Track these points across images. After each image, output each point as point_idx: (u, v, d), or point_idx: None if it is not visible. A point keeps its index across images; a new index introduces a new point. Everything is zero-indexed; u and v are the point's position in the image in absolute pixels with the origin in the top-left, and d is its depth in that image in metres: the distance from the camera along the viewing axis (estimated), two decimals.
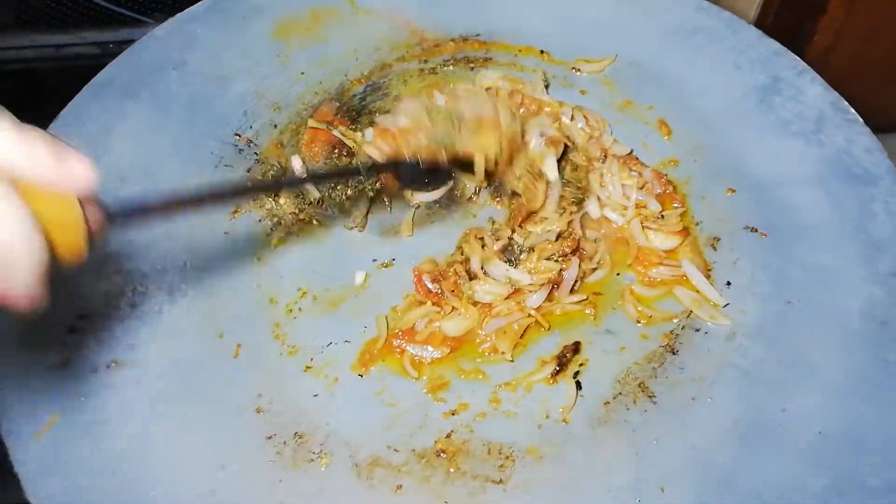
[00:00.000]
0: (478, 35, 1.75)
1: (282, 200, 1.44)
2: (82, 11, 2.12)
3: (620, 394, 1.21)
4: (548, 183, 1.42)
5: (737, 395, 1.19)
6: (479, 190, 1.51)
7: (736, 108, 1.56)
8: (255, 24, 1.69)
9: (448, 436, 1.16)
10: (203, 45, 1.64)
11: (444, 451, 1.14)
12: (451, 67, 1.67)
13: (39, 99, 1.39)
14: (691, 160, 1.53)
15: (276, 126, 1.56)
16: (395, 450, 1.14)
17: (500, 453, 1.14)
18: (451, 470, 1.13)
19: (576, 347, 1.27)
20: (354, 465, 1.12)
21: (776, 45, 1.64)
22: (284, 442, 1.13)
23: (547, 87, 1.64)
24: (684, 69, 1.64)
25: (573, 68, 1.70)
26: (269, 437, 1.13)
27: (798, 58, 1.62)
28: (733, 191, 1.46)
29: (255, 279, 1.34)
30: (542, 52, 1.73)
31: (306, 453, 1.13)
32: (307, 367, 1.23)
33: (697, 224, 1.44)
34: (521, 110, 1.54)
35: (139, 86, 1.54)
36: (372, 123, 1.52)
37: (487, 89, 1.56)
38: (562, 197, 1.43)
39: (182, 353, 1.21)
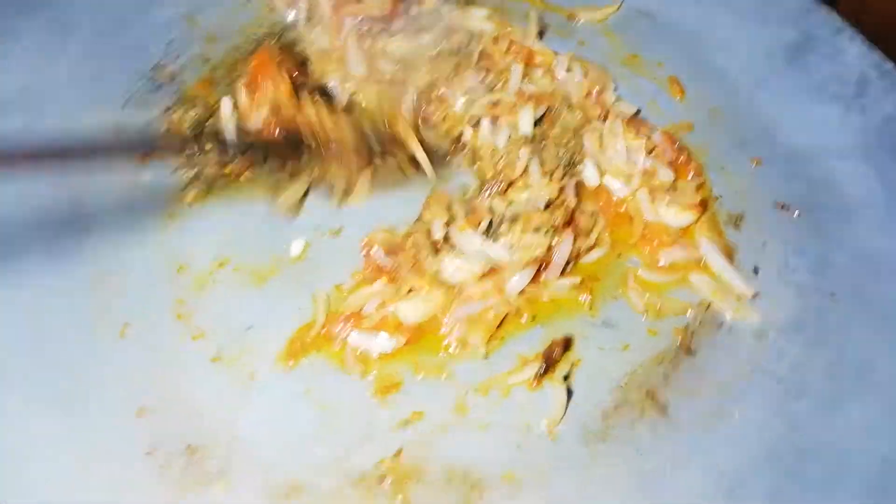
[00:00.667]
0: None
1: (207, 146, 1.15)
2: None
3: (623, 403, 0.98)
4: (527, 144, 1.16)
5: (772, 409, 0.97)
6: (452, 150, 1.24)
7: (762, 67, 1.36)
8: None
9: (397, 454, 0.91)
10: None
11: (389, 476, 0.89)
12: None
13: None
14: (708, 124, 1.31)
15: (208, 60, 1.30)
16: (322, 472, 0.88)
17: (466, 479, 0.89)
18: (399, 501, 0.87)
19: (566, 343, 1.03)
20: (265, 491, 0.86)
21: None
22: (171, 457, 0.86)
23: (542, 34, 1.38)
24: (701, 22, 1.44)
25: (570, 16, 1.45)
26: (150, 451, 0.87)
27: (834, 13, 1.39)
28: (759, 161, 1.24)
29: (162, 241, 1.07)
30: None
31: (200, 473, 0.86)
32: (216, 358, 0.97)
33: (717, 198, 1.21)
34: (509, 59, 1.29)
35: (37, 2, 1.26)
36: None
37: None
38: (543, 161, 1.17)
39: (48, 329, 0.95)
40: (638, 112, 1.30)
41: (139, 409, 0.89)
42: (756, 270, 1.11)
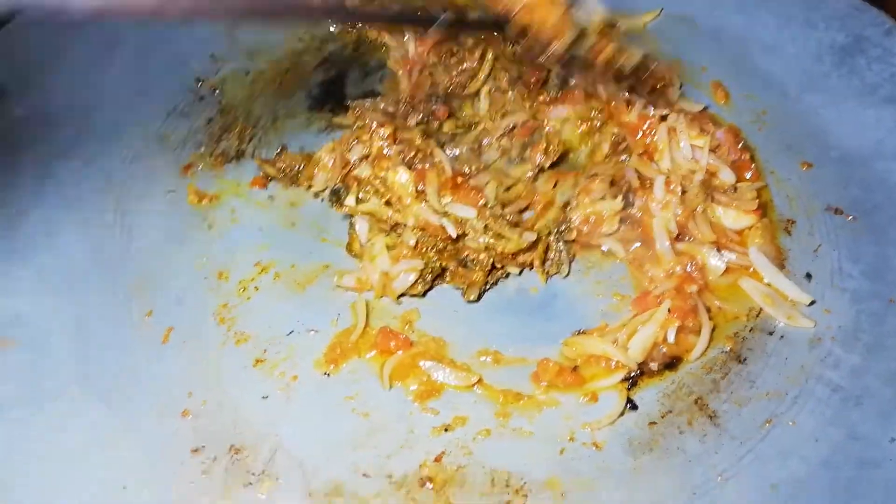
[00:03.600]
0: None
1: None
2: None
3: (670, 412, 0.94)
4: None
5: (828, 418, 0.92)
6: None
7: (809, 70, 1.33)
8: None
9: (438, 459, 0.89)
10: None
11: (431, 479, 0.87)
12: None
13: None
14: (755, 129, 1.28)
15: (248, 73, 1.30)
16: (364, 474, 0.87)
17: (508, 485, 0.87)
18: None
19: None
20: (308, 493, 0.85)
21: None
22: (215, 457, 0.86)
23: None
24: (745, 26, 1.41)
25: (610, 23, 1.42)
26: (196, 450, 0.87)
27: (883, 14, 1.34)
28: (810, 165, 1.21)
29: (204, 248, 1.08)
30: None
31: (243, 474, 0.85)
32: (258, 361, 0.96)
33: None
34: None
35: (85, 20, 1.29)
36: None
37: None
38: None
39: (94, 333, 0.95)
40: (705, 108, 1.27)
41: (184, 411, 0.89)
42: (809, 276, 1.07)
